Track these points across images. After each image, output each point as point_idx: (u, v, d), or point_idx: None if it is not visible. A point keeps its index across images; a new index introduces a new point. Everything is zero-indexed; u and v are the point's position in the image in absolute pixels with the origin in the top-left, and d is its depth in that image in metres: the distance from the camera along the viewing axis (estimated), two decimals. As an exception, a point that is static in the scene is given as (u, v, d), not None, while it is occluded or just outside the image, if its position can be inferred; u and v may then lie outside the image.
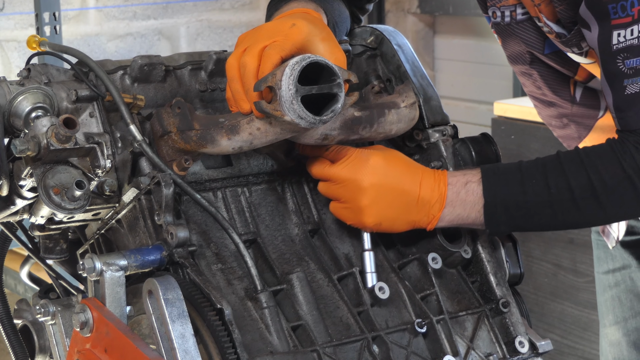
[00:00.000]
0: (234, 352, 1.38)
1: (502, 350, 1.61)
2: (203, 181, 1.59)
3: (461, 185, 1.59)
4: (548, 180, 1.58)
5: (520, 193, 1.58)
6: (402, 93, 1.66)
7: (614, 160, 1.57)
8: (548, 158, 1.61)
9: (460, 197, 1.59)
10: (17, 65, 4.39)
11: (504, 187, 1.59)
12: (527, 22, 1.79)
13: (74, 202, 1.46)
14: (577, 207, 1.58)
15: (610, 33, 1.58)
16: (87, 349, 1.43)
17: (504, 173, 1.60)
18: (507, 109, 3.69)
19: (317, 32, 1.55)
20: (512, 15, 1.80)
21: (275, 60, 1.48)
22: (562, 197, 1.57)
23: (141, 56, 1.61)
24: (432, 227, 1.60)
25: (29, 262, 1.82)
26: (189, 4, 4.79)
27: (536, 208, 1.59)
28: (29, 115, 1.50)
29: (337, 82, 1.46)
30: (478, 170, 1.61)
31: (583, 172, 1.57)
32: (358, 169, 1.57)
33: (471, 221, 1.60)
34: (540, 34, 1.79)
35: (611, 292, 2.20)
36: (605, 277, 2.21)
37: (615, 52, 1.58)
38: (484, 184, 1.59)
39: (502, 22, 1.82)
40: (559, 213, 1.59)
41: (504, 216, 1.59)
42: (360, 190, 1.56)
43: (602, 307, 2.24)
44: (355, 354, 1.50)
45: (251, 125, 1.50)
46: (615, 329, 2.20)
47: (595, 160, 1.58)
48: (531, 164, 1.61)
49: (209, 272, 1.51)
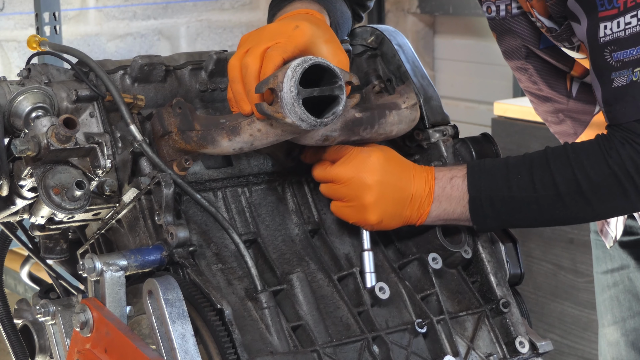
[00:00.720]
0: (234, 352, 1.38)
1: (502, 351, 1.61)
2: (203, 181, 1.59)
3: (447, 180, 1.59)
4: (533, 175, 1.57)
5: (506, 188, 1.58)
6: (403, 94, 1.66)
7: (599, 156, 1.56)
8: (535, 154, 1.61)
9: (445, 192, 1.59)
10: (17, 65, 4.39)
11: (489, 182, 1.59)
12: (522, 16, 1.79)
13: (74, 202, 1.46)
14: (563, 203, 1.57)
15: (598, 26, 1.57)
16: (87, 349, 1.43)
17: (490, 168, 1.60)
18: (507, 109, 3.69)
19: (320, 34, 1.55)
20: (508, 9, 1.79)
21: (277, 62, 1.48)
22: (548, 193, 1.57)
23: (141, 56, 1.61)
24: (421, 222, 1.60)
25: (29, 262, 1.82)
26: (189, 4, 4.79)
27: (522, 203, 1.59)
28: (29, 115, 1.50)
29: (339, 85, 1.46)
30: (464, 165, 1.61)
31: (568, 168, 1.57)
32: (361, 167, 1.57)
33: (457, 216, 1.60)
34: (535, 28, 1.79)
35: (610, 292, 2.20)
36: (604, 277, 2.21)
37: (602, 44, 1.57)
38: (468, 179, 1.59)
39: (498, 17, 1.81)
40: (545, 209, 1.58)
41: (489, 211, 1.59)
42: (365, 187, 1.57)
43: (601, 307, 2.24)
44: (356, 354, 1.50)
45: (252, 126, 1.50)
46: (614, 329, 2.20)
47: (581, 156, 1.57)
48: (518, 159, 1.61)
49: (209, 272, 1.51)
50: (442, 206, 1.59)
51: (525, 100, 3.84)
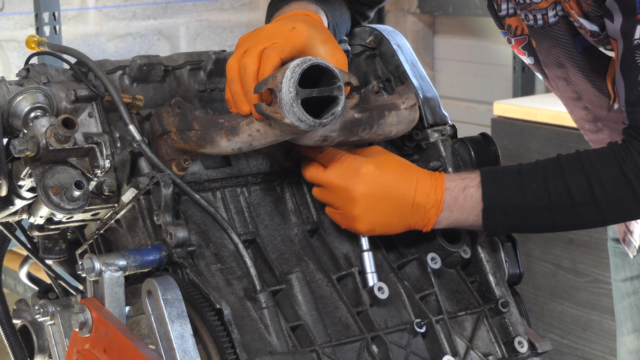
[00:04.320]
0: (233, 352, 1.38)
1: (501, 350, 1.61)
2: (202, 181, 1.59)
3: (459, 191, 1.59)
4: (548, 184, 1.57)
5: (520, 197, 1.58)
6: (402, 94, 1.66)
7: (615, 164, 1.56)
8: (548, 161, 1.60)
9: (458, 202, 1.58)
10: (17, 65, 4.39)
11: (503, 191, 1.58)
12: (559, 23, 1.79)
13: (73, 202, 1.46)
14: (576, 212, 1.57)
15: (635, 27, 1.58)
16: (86, 349, 1.43)
17: (503, 177, 1.60)
18: (506, 109, 3.69)
19: (318, 35, 1.55)
20: (544, 18, 1.79)
21: (275, 62, 1.48)
22: (562, 202, 1.57)
23: (140, 56, 1.61)
24: (428, 229, 1.60)
25: (28, 262, 1.82)
26: (189, 4, 4.79)
27: (535, 212, 1.58)
28: (28, 115, 1.50)
29: (338, 85, 1.46)
30: (477, 173, 1.60)
31: (583, 176, 1.56)
32: (349, 177, 1.56)
33: (469, 224, 1.60)
34: (572, 32, 1.78)
35: (629, 300, 2.19)
36: (623, 285, 2.19)
37: (635, 46, 1.58)
38: (483, 189, 1.58)
39: (536, 25, 1.81)
40: (558, 217, 1.58)
41: (502, 219, 1.59)
42: (351, 200, 1.56)
43: (620, 315, 2.23)
44: (355, 354, 1.50)
45: (251, 126, 1.50)
46: (634, 337, 2.19)
47: (596, 164, 1.57)
48: (531, 167, 1.60)
49: (208, 272, 1.51)
50: (453, 215, 1.59)
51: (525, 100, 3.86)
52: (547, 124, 3.52)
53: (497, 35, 4.78)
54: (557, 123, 3.45)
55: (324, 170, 1.58)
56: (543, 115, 3.54)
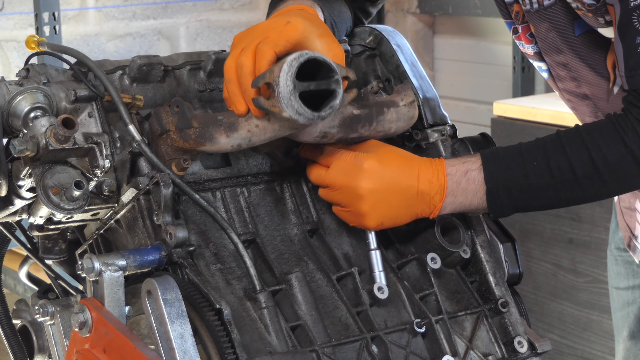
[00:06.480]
0: (233, 352, 1.38)
1: (501, 351, 1.61)
2: (202, 181, 1.59)
3: (461, 175, 1.59)
4: (549, 161, 1.57)
5: (522, 176, 1.58)
6: (400, 92, 1.66)
7: (615, 136, 1.56)
8: (548, 138, 1.61)
9: (461, 187, 1.59)
10: (17, 65, 4.39)
11: (506, 172, 1.59)
12: (554, 5, 1.78)
13: (73, 202, 1.46)
14: (580, 186, 1.58)
15: None
16: (86, 349, 1.43)
17: (505, 157, 1.60)
18: (506, 109, 3.69)
19: (314, 29, 1.54)
20: (539, 1, 1.78)
21: (269, 56, 1.48)
22: (565, 178, 1.57)
23: (140, 56, 1.61)
24: (435, 216, 1.60)
25: (28, 262, 1.82)
26: (189, 4, 4.79)
27: (539, 190, 1.59)
28: (28, 115, 1.50)
29: (335, 79, 1.46)
30: (478, 156, 1.61)
31: (584, 150, 1.56)
32: (353, 175, 1.56)
33: (474, 207, 1.61)
34: (569, 15, 1.78)
35: (629, 309, 2.19)
36: (625, 293, 2.19)
37: (632, 8, 1.57)
38: (484, 171, 1.59)
39: (532, 10, 1.81)
40: (562, 193, 1.59)
41: (507, 200, 1.59)
42: (358, 197, 1.56)
43: (619, 323, 2.22)
44: (354, 354, 1.50)
45: (250, 122, 1.50)
46: (632, 343, 2.19)
47: (596, 137, 1.57)
48: (531, 145, 1.61)
49: (208, 272, 1.51)
50: (457, 200, 1.59)
51: (525, 100, 3.85)
52: (547, 124, 3.52)
53: (497, 35, 4.80)
54: (557, 123, 3.45)
55: (327, 171, 1.58)
56: (543, 115, 3.54)
